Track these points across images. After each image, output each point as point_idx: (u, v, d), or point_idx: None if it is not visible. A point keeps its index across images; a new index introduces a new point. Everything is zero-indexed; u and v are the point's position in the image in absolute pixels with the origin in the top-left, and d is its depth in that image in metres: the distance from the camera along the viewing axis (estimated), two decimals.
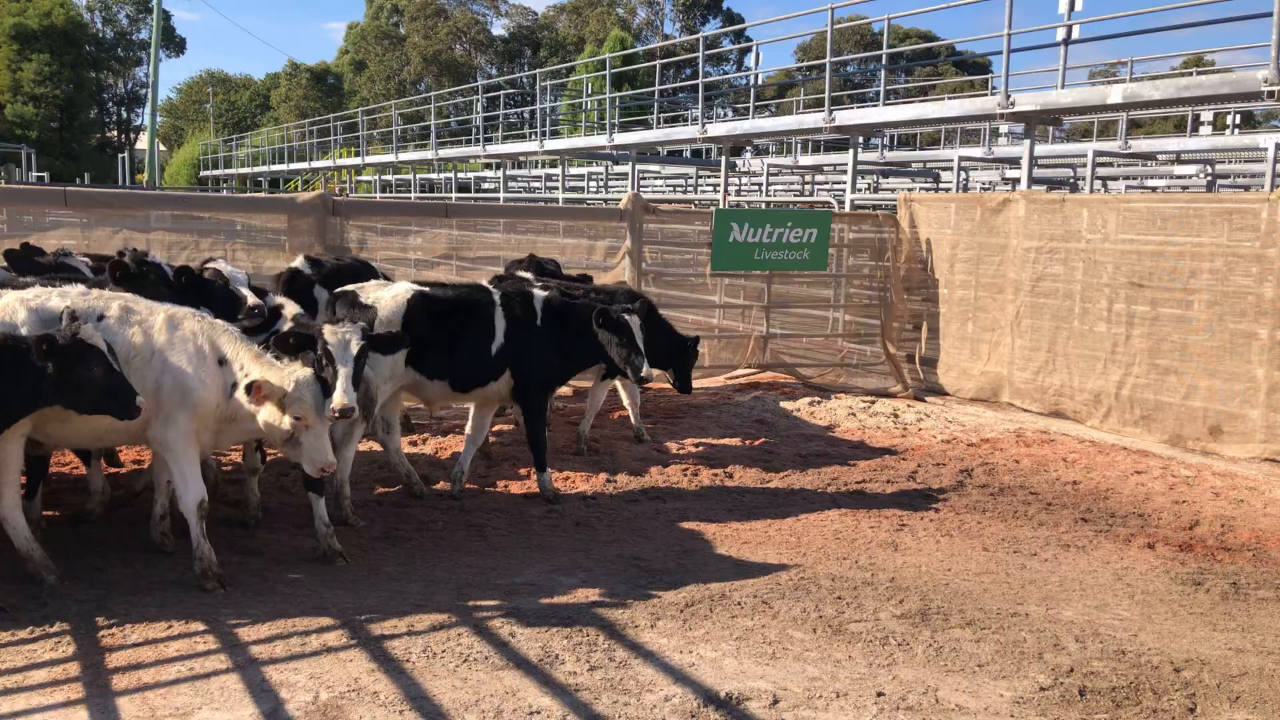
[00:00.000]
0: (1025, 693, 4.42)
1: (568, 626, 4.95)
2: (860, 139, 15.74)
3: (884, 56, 15.47)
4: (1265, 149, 14.27)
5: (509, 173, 30.08)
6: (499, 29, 74.35)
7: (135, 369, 5.10)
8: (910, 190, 20.81)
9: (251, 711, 4.07)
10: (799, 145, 25.34)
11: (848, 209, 14.19)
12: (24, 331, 4.98)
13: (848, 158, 14.85)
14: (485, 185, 32.20)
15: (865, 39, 51.53)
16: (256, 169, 43.09)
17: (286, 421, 5.13)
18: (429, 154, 28.99)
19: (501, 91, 32.41)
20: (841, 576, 5.77)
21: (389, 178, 34.34)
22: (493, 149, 26.06)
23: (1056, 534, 6.71)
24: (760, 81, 26.25)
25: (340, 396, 5.36)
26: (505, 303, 7.03)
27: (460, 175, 31.50)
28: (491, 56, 73.15)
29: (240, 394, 5.20)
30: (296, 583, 5.44)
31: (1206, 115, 20.17)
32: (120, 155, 51.04)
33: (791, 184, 26.52)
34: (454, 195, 28.02)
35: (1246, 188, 18.39)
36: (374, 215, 11.60)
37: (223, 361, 5.28)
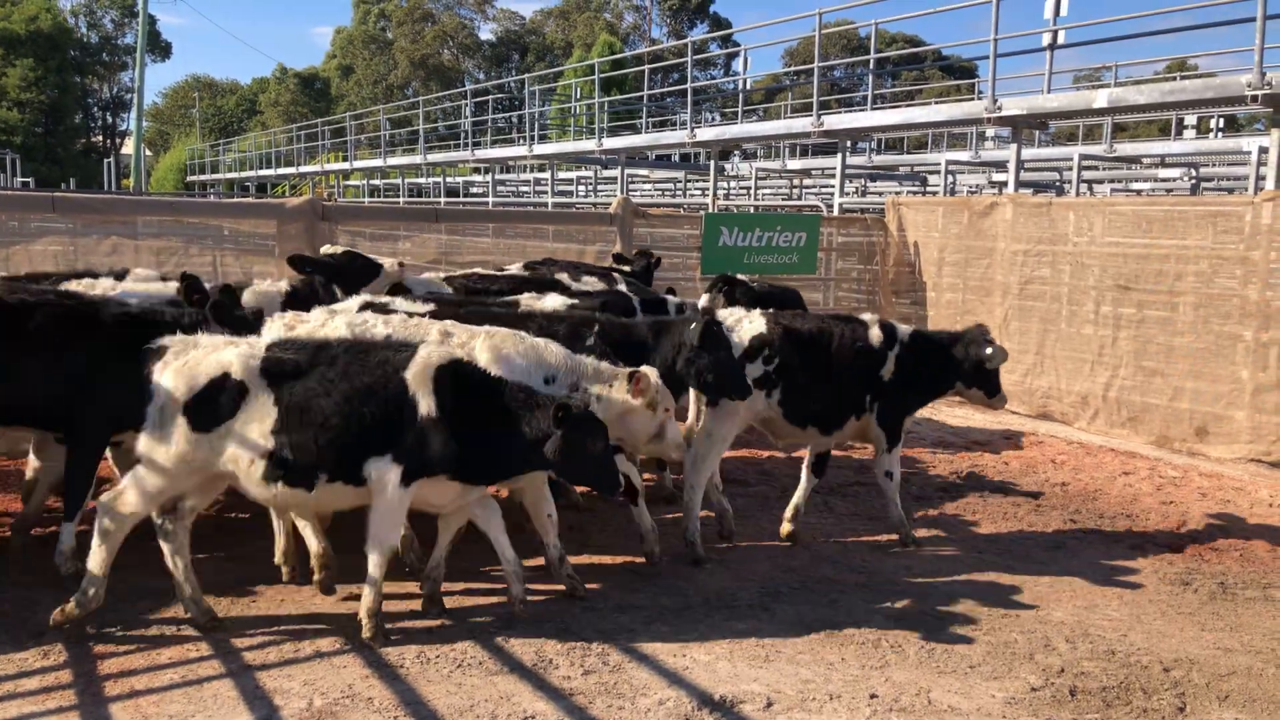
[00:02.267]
0: (1017, 693, 4.45)
1: (561, 631, 4.96)
2: (848, 143, 15.82)
3: (871, 61, 15.53)
4: (1249, 152, 14.42)
5: (498, 177, 30.05)
6: (486, 33, 74.36)
7: None
8: (898, 194, 20.91)
9: (246, 719, 4.07)
10: (787, 149, 25.43)
11: (836, 213, 14.25)
12: None
13: (836, 162, 14.92)
14: (474, 190, 32.15)
15: (852, 44, 51.77)
16: (243, 174, 42.93)
17: (659, 415, 5.21)
18: (417, 159, 28.95)
19: (490, 96, 32.43)
20: (834, 579, 5.80)
21: (376, 182, 34.25)
22: (481, 153, 26.04)
23: (1046, 535, 6.75)
24: (748, 86, 26.32)
25: None
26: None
27: (448, 180, 31.48)
28: (479, 61, 73.11)
29: (615, 394, 5.17)
30: (288, 589, 5.43)
31: (1190, 119, 20.36)
32: (105, 160, 50.72)
33: (780, 188, 26.59)
34: (442, 200, 27.98)
35: (1230, 190, 18.57)
36: (363, 220, 11.57)
37: (550, 380, 5.22)
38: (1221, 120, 20.55)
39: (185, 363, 4.64)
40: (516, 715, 4.14)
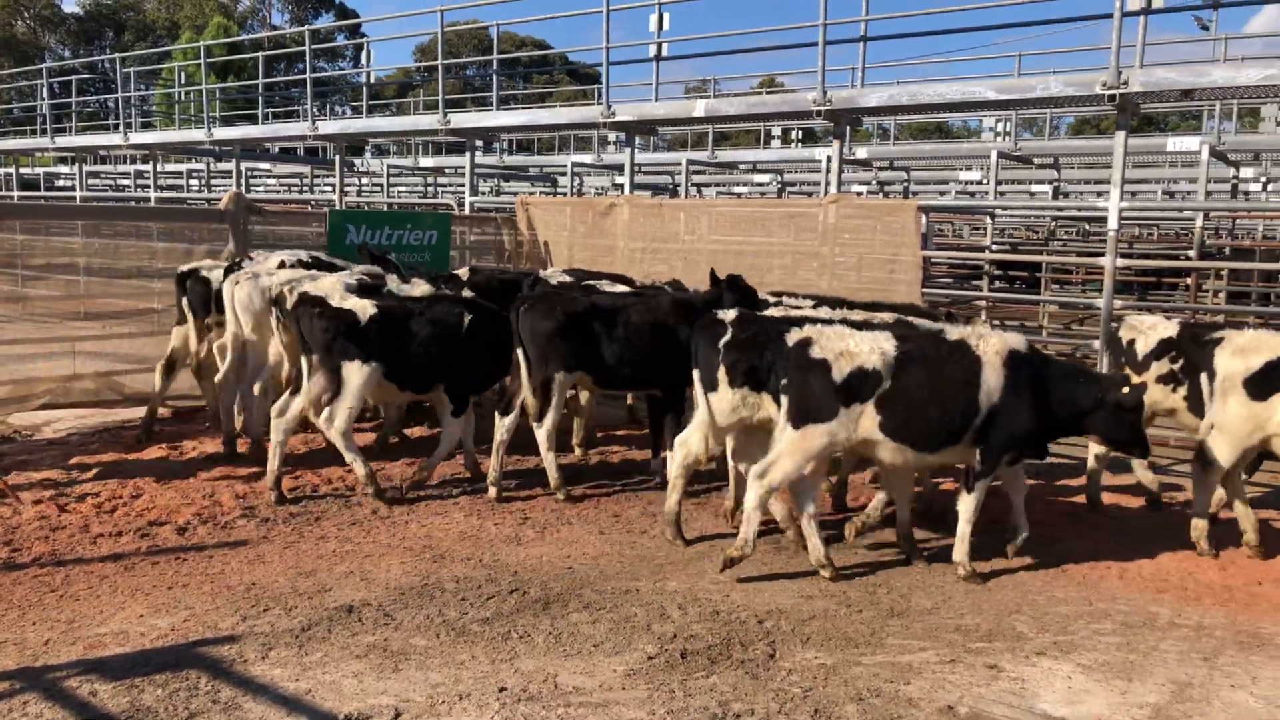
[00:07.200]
0: (635, 664, 4.74)
1: (163, 672, 4.49)
2: (478, 142, 15.93)
3: (495, 62, 15.75)
4: (820, 160, 16.62)
5: (90, 168, 26.54)
6: (72, 6, 65.32)
7: None
8: (531, 194, 21.45)
9: None
10: (420, 147, 25.09)
11: (468, 211, 14.29)
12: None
13: (466, 160, 14.96)
14: (60, 183, 28.11)
15: (484, 44, 52.24)
16: None
17: None
18: None
19: (75, 76, 28.42)
20: (466, 577, 5.81)
21: None
22: (64, 141, 22.81)
23: (663, 511, 7.26)
24: (373, 80, 25.58)
25: None
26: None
27: (26, 171, 27.23)
28: (63, 36, 64.02)
29: None
30: None
31: (777, 130, 23.05)
32: None
33: (415, 186, 26.19)
34: (15, 194, 24.10)
35: (810, 194, 21.27)
36: None
37: None
38: (801, 132, 23.52)
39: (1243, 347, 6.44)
40: None
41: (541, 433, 7.40)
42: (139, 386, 9.55)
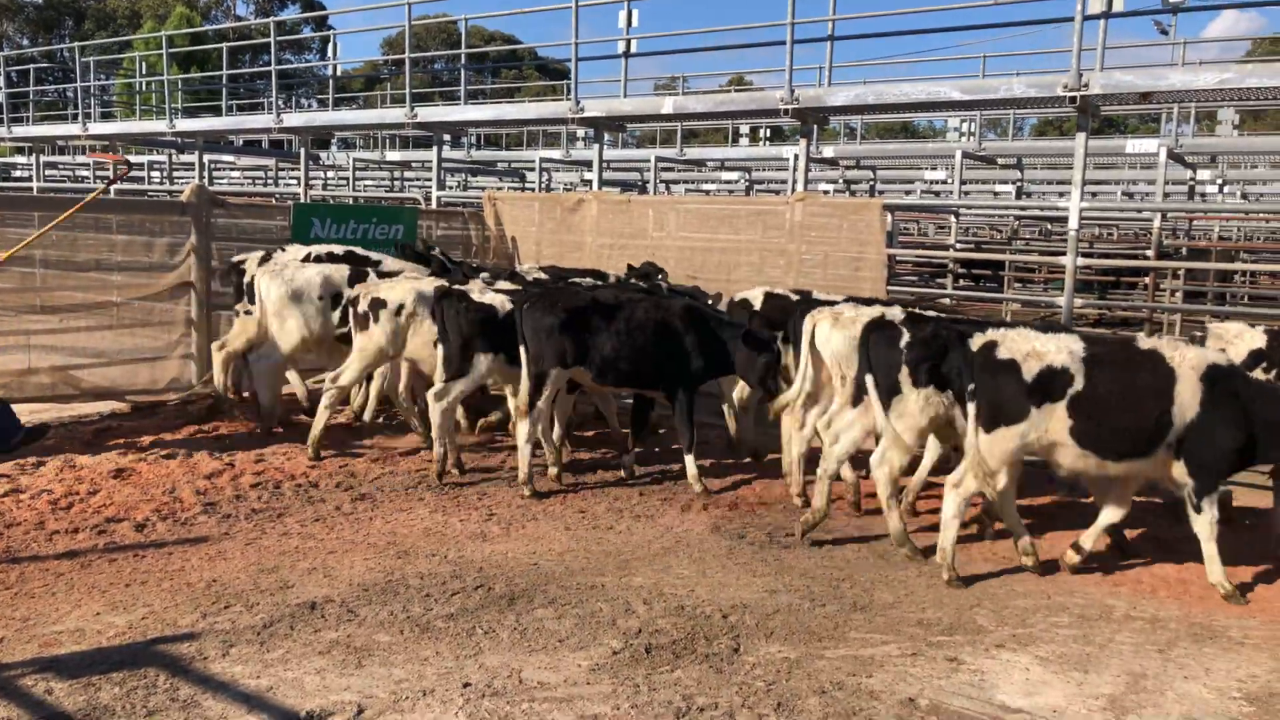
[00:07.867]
0: (600, 659, 4.75)
1: (121, 671, 4.43)
2: (446, 136, 15.83)
3: (463, 56, 15.66)
4: (788, 158, 16.71)
5: (48, 159, 26.06)
6: None
7: None
8: (499, 189, 21.35)
9: None
10: (387, 140, 24.90)
11: (434, 205, 14.20)
12: None
13: (433, 155, 14.86)
14: (16, 173, 27.57)
15: (452, 38, 51.89)
16: None
17: None
18: None
19: (33, 65, 27.84)
20: (431, 573, 5.78)
21: None
22: (21, 131, 22.38)
23: (629, 506, 7.28)
24: (339, 72, 25.34)
25: None
26: None
27: None
28: (21, 25, 62.67)
29: None
30: None
31: (745, 128, 23.15)
32: None
33: (382, 180, 25.98)
34: None
35: (777, 192, 21.38)
36: None
37: None
38: (769, 131, 23.64)
39: None
40: None
41: (524, 426, 7.41)
42: (96, 381, 9.39)
